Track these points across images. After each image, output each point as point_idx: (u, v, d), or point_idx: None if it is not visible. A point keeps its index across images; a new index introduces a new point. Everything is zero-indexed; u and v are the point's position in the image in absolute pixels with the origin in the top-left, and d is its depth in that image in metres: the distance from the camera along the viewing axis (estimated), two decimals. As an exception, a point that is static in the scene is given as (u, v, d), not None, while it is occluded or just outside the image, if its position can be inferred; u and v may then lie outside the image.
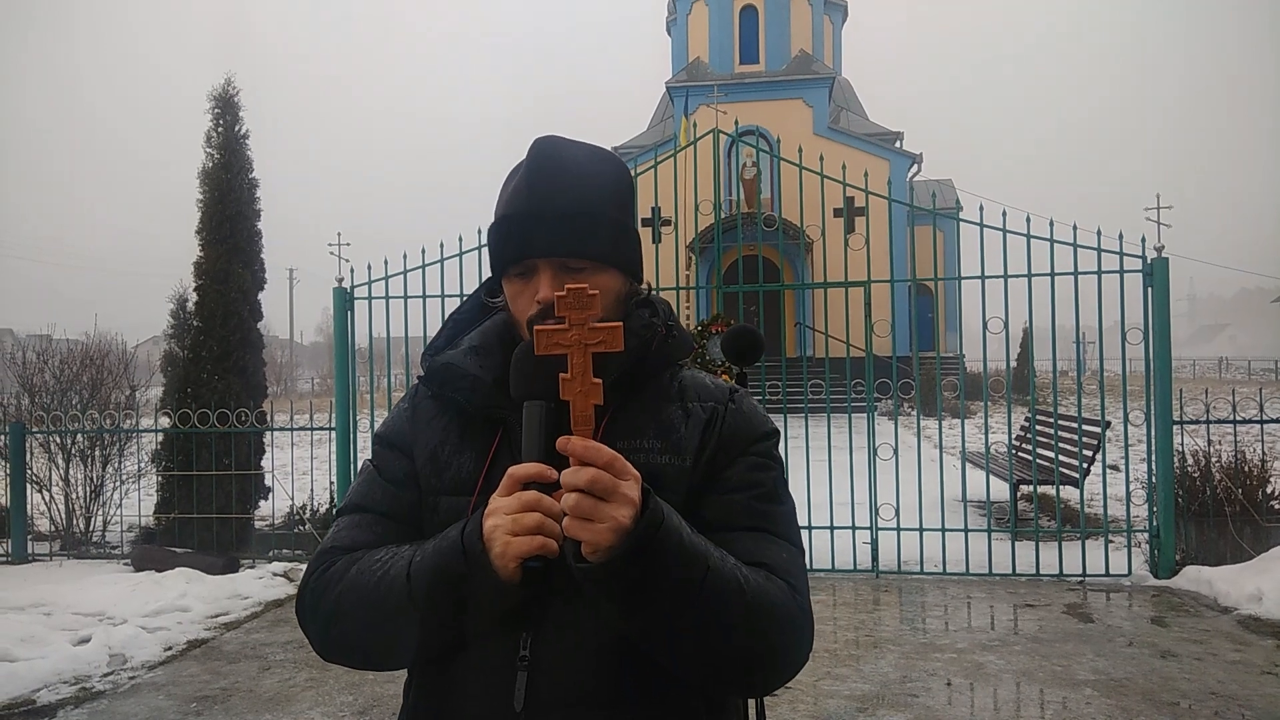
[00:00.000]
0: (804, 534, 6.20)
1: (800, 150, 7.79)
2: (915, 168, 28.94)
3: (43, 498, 8.41)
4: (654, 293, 1.39)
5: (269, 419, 8.05)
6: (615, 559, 1.01)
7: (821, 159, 7.52)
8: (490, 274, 1.34)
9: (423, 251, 7.41)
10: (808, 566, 7.23)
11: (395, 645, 1.16)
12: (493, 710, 1.14)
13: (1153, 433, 6.69)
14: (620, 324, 1.07)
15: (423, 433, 1.30)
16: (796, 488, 6.58)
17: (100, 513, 8.59)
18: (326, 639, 1.22)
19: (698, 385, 1.32)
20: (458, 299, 6.51)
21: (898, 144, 31.29)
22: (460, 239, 7.30)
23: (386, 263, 7.44)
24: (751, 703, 2.34)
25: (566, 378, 1.04)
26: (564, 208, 1.22)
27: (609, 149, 1.35)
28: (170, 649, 5.51)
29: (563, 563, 1.04)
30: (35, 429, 8.42)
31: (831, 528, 6.90)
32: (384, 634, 1.15)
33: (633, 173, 7.96)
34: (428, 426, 1.31)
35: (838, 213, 7.36)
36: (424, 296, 7.38)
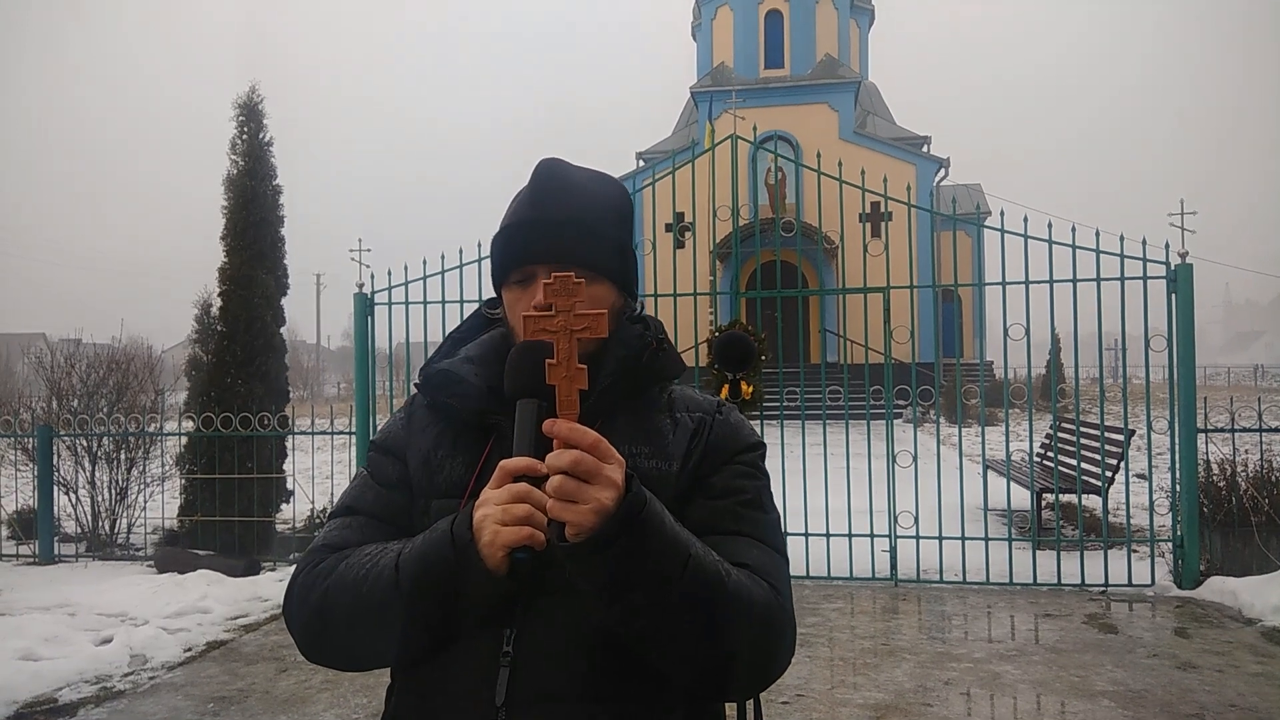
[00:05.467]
0: (822, 541, 6.14)
1: (819, 155, 7.77)
2: (943, 172, 28.75)
3: (69, 500, 8.54)
4: (644, 311, 1.42)
5: (290, 423, 8.13)
6: (597, 540, 1.02)
7: (840, 165, 7.48)
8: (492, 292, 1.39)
9: (442, 257, 7.46)
10: (825, 575, 7.10)
11: (380, 640, 1.18)
12: (474, 705, 1.16)
13: (1177, 441, 6.60)
14: (604, 311, 1.10)
15: (417, 439, 1.33)
16: (815, 494, 6.52)
17: (125, 515, 8.70)
18: (311, 636, 1.24)
19: (687, 398, 1.37)
20: (477, 304, 6.55)
21: (925, 148, 31.09)
22: (479, 244, 7.33)
23: (406, 269, 7.50)
24: (749, 709, 2.33)
25: (552, 363, 1.07)
26: (565, 217, 1.27)
27: (610, 174, 1.40)
28: (190, 650, 5.58)
29: (550, 558, 1.06)
30: (62, 432, 8.55)
31: (850, 535, 6.85)
32: (370, 627, 1.17)
33: (653, 177, 7.99)
34: (422, 433, 1.33)
35: (865, 218, 7.32)
36: (443, 302, 7.42)
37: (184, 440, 8.31)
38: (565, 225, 1.27)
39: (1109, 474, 7.25)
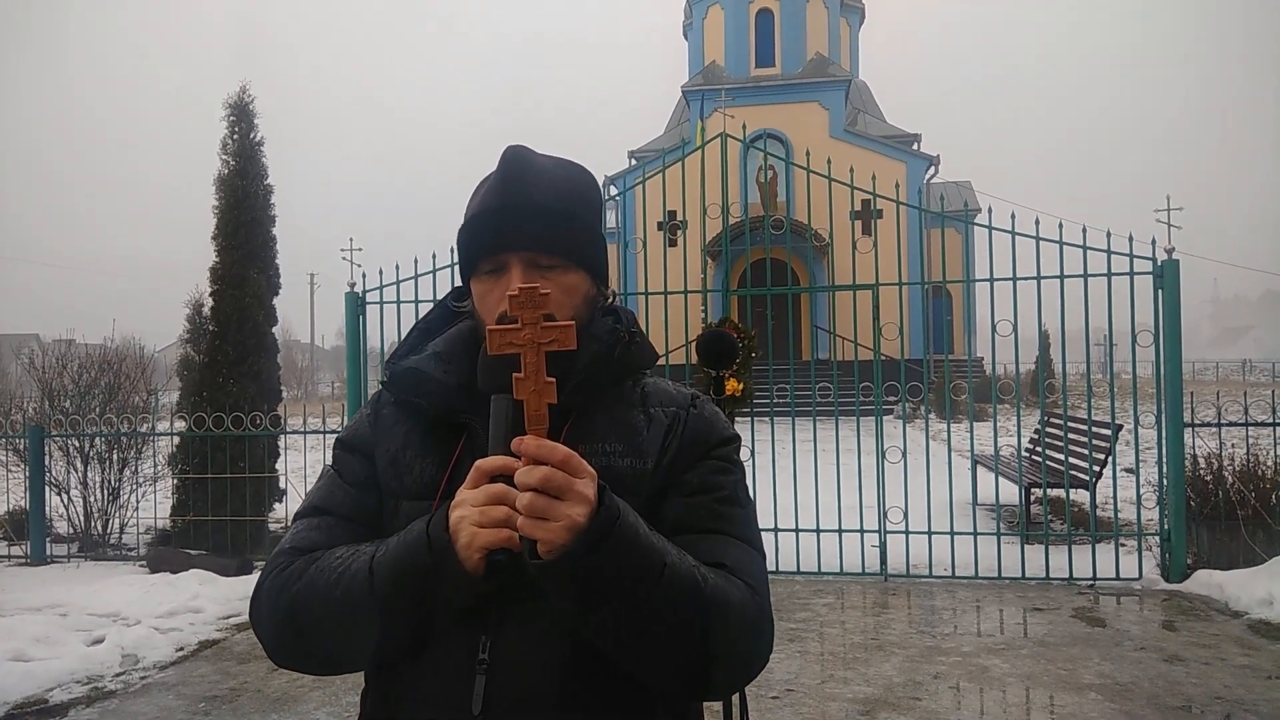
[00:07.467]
0: (812, 537, 6.15)
1: (809, 154, 7.80)
2: (933, 170, 28.84)
3: (61, 500, 8.53)
4: (617, 301, 1.39)
5: (283, 422, 8.14)
6: (570, 556, 1.00)
7: (830, 163, 7.53)
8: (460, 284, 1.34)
9: (433, 256, 7.47)
10: (815, 570, 7.13)
11: (354, 644, 1.15)
12: (450, 713, 1.14)
13: (1164, 436, 6.65)
14: (572, 323, 1.06)
15: (384, 437, 1.30)
16: (805, 490, 6.54)
17: (117, 515, 8.70)
18: (282, 641, 1.21)
19: (660, 392, 1.33)
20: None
21: (915, 146, 31.17)
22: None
23: (398, 267, 7.51)
24: (735, 705, 2.36)
25: (520, 377, 1.03)
26: (538, 202, 1.23)
27: (579, 161, 1.36)
28: (182, 649, 5.59)
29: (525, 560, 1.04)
30: (54, 432, 8.54)
31: (840, 531, 6.88)
32: (343, 632, 1.14)
33: (643, 176, 8.01)
34: (389, 432, 1.30)
35: (855, 215, 7.35)
36: (435, 301, 7.41)
37: (176, 440, 8.31)
38: (538, 211, 1.22)
39: (1097, 468, 7.30)
